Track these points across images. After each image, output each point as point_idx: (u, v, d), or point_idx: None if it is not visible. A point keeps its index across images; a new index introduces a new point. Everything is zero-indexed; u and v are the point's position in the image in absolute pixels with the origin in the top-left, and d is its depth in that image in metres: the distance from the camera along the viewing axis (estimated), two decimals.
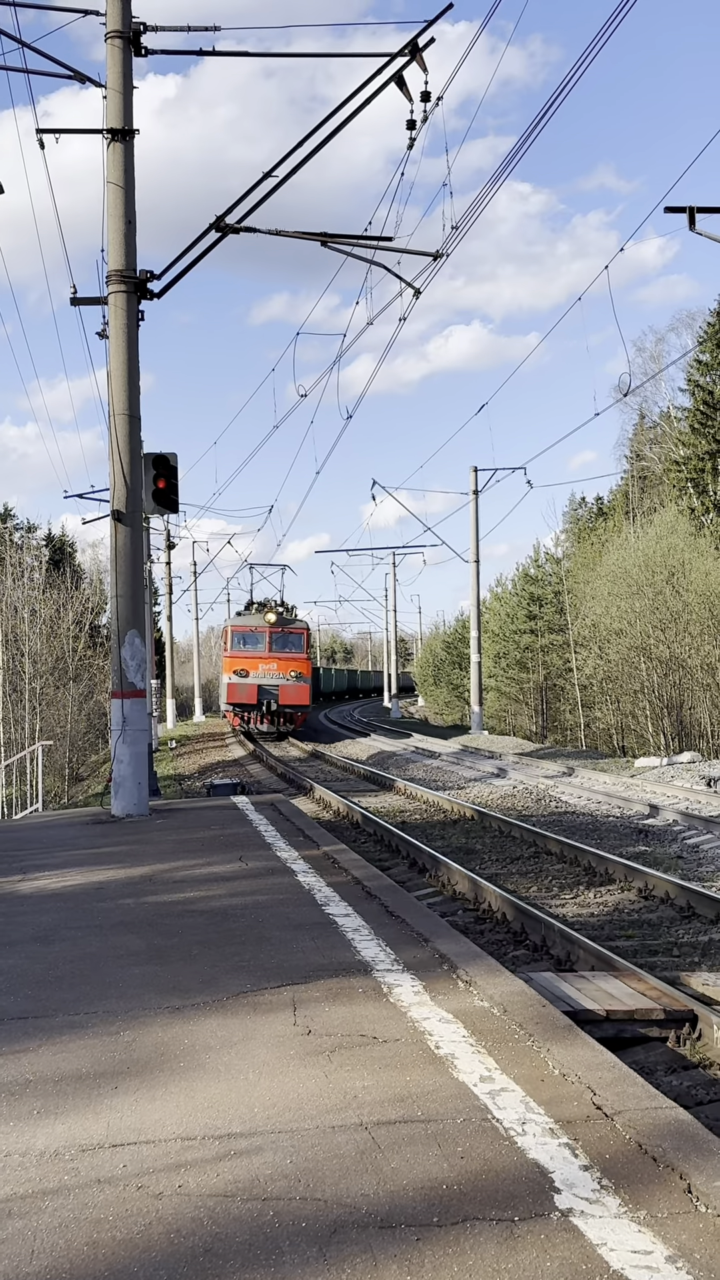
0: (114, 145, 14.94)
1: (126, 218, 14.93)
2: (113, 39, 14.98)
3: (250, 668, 43.26)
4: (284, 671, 43.42)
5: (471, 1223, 3.68)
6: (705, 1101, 6.29)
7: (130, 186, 15.00)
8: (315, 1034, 5.59)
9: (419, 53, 14.47)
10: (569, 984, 7.66)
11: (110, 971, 6.92)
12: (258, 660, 43.50)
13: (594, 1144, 4.25)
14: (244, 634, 44.48)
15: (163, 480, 15.84)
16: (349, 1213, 3.76)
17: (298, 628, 45.62)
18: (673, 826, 17.02)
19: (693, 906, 10.87)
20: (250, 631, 44.33)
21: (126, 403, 14.99)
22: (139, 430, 15.18)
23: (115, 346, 15.02)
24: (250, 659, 43.61)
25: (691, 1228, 3.64)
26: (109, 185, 14.96)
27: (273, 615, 44.33)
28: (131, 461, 15.01)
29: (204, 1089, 4.91)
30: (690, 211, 15.53)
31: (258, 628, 44.21)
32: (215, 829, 13.46)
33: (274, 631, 44.22)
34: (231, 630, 45.04)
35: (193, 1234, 3.64)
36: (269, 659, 43.62)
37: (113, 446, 14.98)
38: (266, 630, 44.11)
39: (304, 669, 44.38)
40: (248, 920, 8.23)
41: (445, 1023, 5.73)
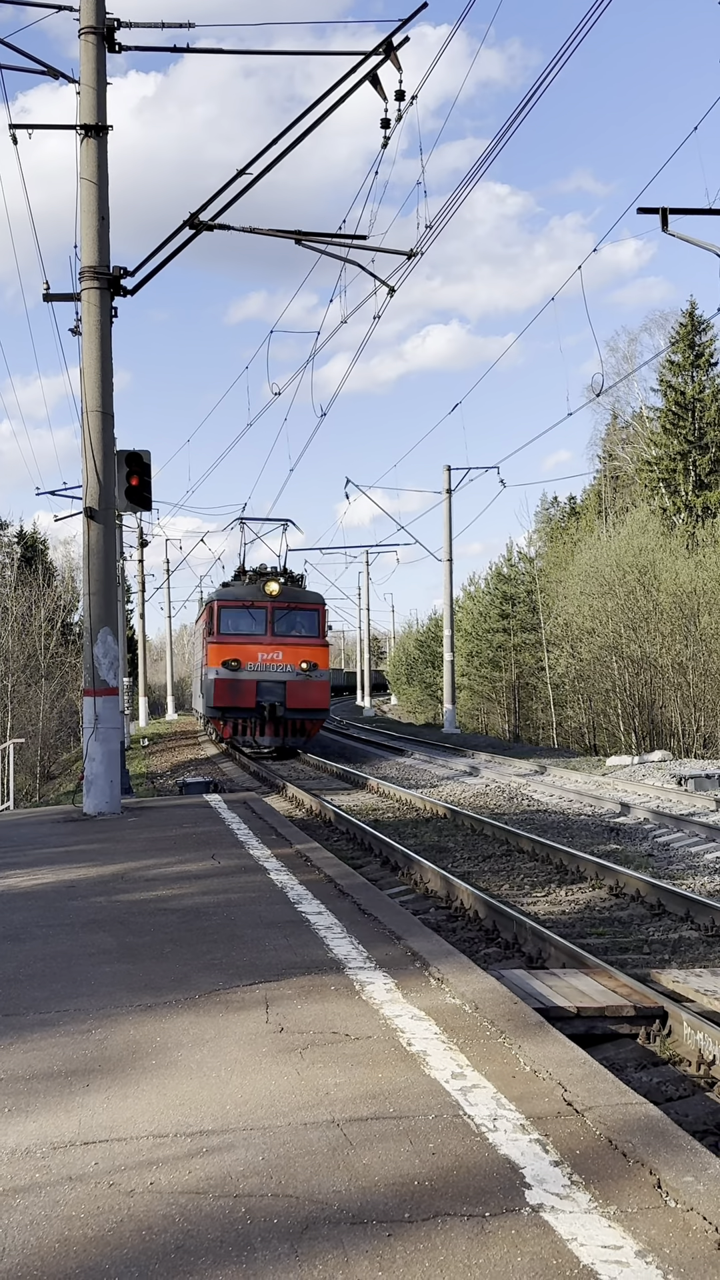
0: (87, 141, 14.88)
1: (100, 214, 14.88)
2: (86, 35, 14.92)
3: (245, 657, 31.66)
4: (293, 662, 31.84)
5: (443, 1218, 3.69)
6: (674, 1098, 6.32)
7: (104, 183, 14.94)
8: (287, 1031, 5.59)
9: (393, 51, 14.48)
10: (540, 981, 7.69)
11: (82, 970, 6.90)
12: (256, 647, 31.81)
13: (564, 1140, 4.27)
14: (236, 611, 32.43)
15: (136, 478, 15.80)
16: (321, 1209, 3.76)
17: (310, 602, 33.27)
18: (644, 824, 17.10)
19: (663, 904, 10.92)
20: (245, 608, 32.34)
21: (99, 399, 14.94)
22: (112, 427, 15.13)
23: (88, 343, 14.96)
24: (245, 645, 31.83)
25: (661, 1223, 3.66)
26: (82, 181, 14.90)
27: (275, 585, 32.46)
28: (105, 458, 14.97)
29: (176, 1086, 4.90)
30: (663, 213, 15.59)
31: (256, 602, 32.32)
32: (188, 827, 13.44)
33: (278, 607, 32.34)
34: (219, 607, 32.44)
35: (164, 1231, 3.64)
36: (272, 645, 31.95)
37: (86, 443, 14.92)
38: (268, 606, 32.27)
39: (320, 659, 32.46)
40: (220, 918, 8.22)
41: (417, 1020, 5.74)
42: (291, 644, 31.69)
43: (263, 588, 32.23)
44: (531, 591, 60.60)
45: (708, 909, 10.25)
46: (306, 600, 33.02)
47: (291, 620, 32.25)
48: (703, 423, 57.74)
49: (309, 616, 32.66)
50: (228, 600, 32.41)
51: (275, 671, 31.31)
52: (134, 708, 56.74)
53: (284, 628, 31.99)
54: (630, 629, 42.65)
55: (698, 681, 40.45)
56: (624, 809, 18.59)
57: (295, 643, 31.80)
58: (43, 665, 54.86)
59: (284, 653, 31.54)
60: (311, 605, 32.91)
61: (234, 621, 32.02)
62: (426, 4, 14.57)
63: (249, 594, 32.42)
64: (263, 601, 32.06)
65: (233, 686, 30.92)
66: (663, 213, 15.59)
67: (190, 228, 15.08)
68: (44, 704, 52.86)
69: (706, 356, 58.80)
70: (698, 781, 22.63)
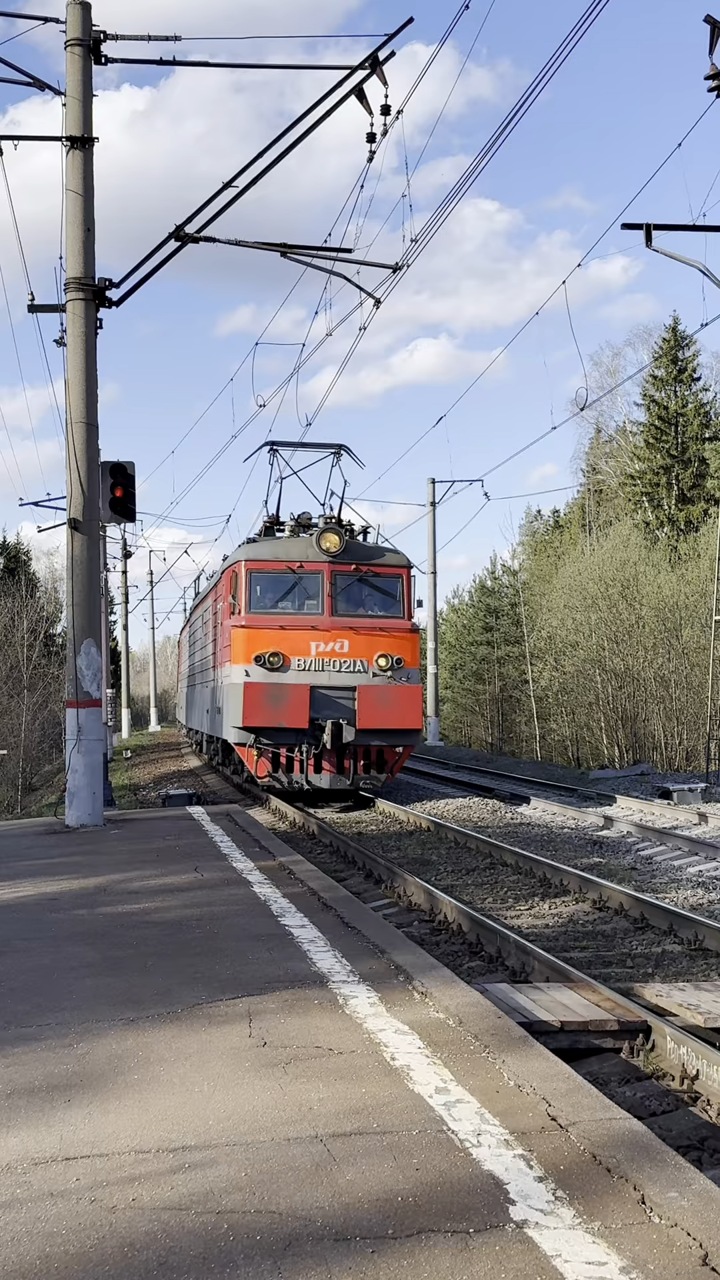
0: (73, 153, 14.89)
1: (86, 225, 14.88)
2: (72, 47, 14.94)
3: (292, 649, 20.93)
4: (366, 656, 21.13)
5: (426, 1234, 3.67)
6: (658, 1112, 6.31)
7: (89, 194, 14.95)
8: (271, 1046, 5.57)
9: (379, 66, 14.53)
10: (524, 995, 7.67)
11: (64, 983, 6.87)
12: (308, 634, 21.00)
13: (548, 1155, 4.26)
14: (275, 578, 21.49)
15: (120, 489, 15.78)
16: (304, 1225, 3.74)
17: (389, 564, 22.12)
18: (627, 838, 17.11)
19: (646, 918, 10.92)
20: (290, 572, 21.41)
21: (84, 410, 14.92)
22: (97, 438, 15.12)
23: (73, 354, 14.95)
24: (292, 631, 21.01)
25: (645, 1239, 3.65)
26: (68, 193, 14.90)
27: (335, 537, 21.35)
28: (89, 469, 14.95)
29: (158, 1101, 4.87)
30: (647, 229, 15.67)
31: (306, 564, 21.34)
32: (170, 839, 13.40)
33: (340, 571, 21.41)
34: (247, 571, 21.51)
35: (146, 1247, 3.62)
36: (333, 630, 21.12)
37: (70, 454, 14.90)
38: (325, 569, 21.31)
39: (408, 651, 21.73)
40: (203, 931, 8.19)
41: (401, 1034, 5.72)
42: (365, 628, 20.93)
43: (317, 541, 20.98)
44: (515, 604, 60.74)
45: (690, 923, 10.26)
46: (384, 561, 21.76)
47: (363, 592, 21.43)
48: (685, 437, 57.98)
49: (389, 586, 21.63)
50: (262, 561, 21.14)
51: (339, 671, 20.67)
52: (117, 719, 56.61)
53: (351, 603, 21.24)
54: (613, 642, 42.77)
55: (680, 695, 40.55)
56: (607, 822, 18.60)
57: (370, 626, 21.02)
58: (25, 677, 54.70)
59: (352, 642, 20.79)
60: (393, 568, 21.77)
61: (272, 593, 21.18)
62: (412, 19, 14.64)
63: (295, 551, 21.17)
64: (318, 562, 21.01)
65: (272, 695, 20.15)
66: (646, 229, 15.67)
67: (176, 240, 15.10)
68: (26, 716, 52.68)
69: (689, 372, 59.10)
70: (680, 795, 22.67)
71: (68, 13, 15.01)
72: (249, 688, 20.33)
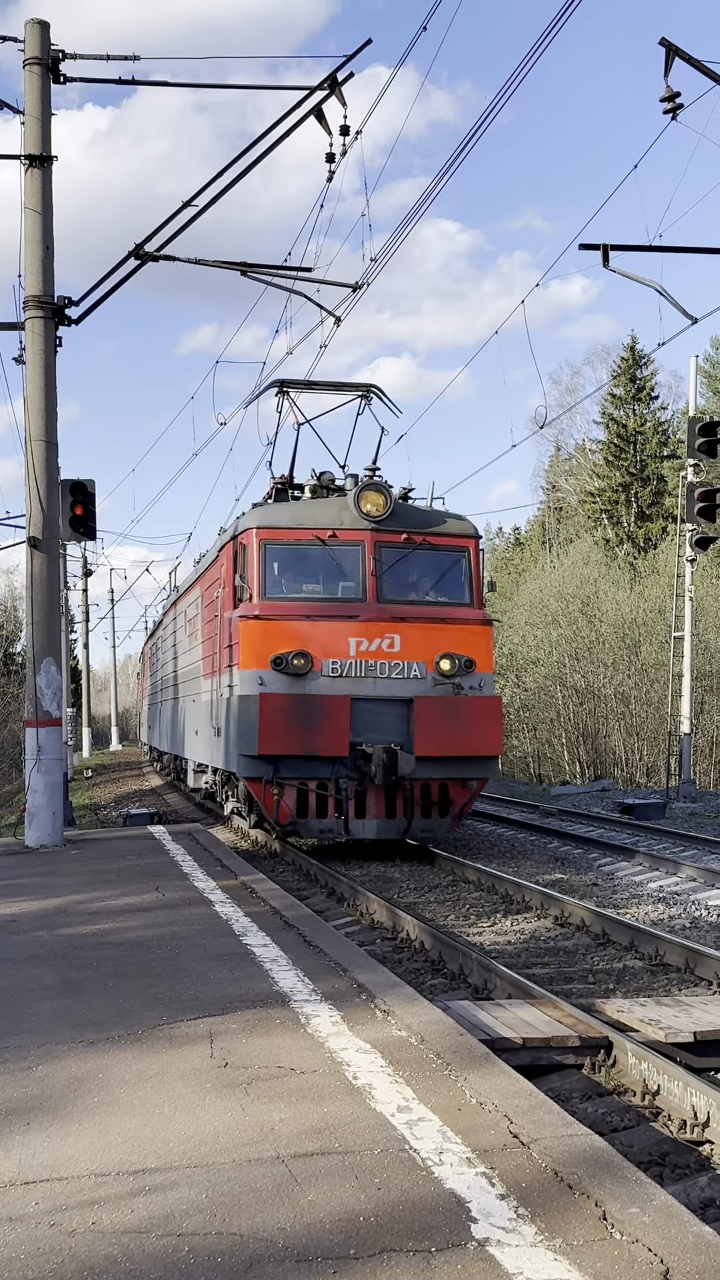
0: (32, 171, 14.87)
1: (44, 243, 14.86)
2: (31, 65, 14.94)
3: (321, 646, 15.37)
4: (424, 658, 15.63)
5: (388, 1254, 3.66)
6: (619, 1128, 6.32)
7: (48, 212, 14.92)
8: (232, 1066, 5.54)
9: (338, 86, 14.60)
10: (486, 1012, 7.67)
11: (22, 1005, 6.81)
12: (344, 625, 15.48)
13: (510, 1172, 4.26)
14: (296, 552, 16.13)
15: (80, 507, 15.76)
16: (265, 1246, 3.72)
17: (451, 533, 16.55)
18: (588, 854, 17.17)
19: (607, 933, 10.96)
20: (315, 543, 15.89)
21: (43, 428, 14.87)
22: (56, 456, 15.06)
23: (33, 372, 14.90)
24: (321, 622, 15.51)
25: (606, 1255, 3.65)
26: (27, 211, 14.87)
27: (379, 497, 15.85)
28: (49, 488, 14.89)
29: (119, 1124, 4.84)
30: (604, 249, 15.82)
31: (340, 531, 15.84)
32: (131, 859, 13.32)
33: (386, 542, 15.95)
34: (260, 542, 15.88)
35: (106, 1271, 3.59)
36: (378, 622, 15.53)
37: (29, 472, 14.84)
38: (367, 538, 15.83)
39: (480, 649, 16.08)
40: (164, 952, 8.14)
41: (363, 1053, 5.71)
42: (422, 619, 15.52)
43: (355, 502, 15.60)
44: None
45: (651, 938, 10.30)
46: (445, 529, 16.26)
47: (417, 570, 16.03)
48: (644, 455, 58.48)
49: (452, 563, 16.16)
50: (281, 529, 15.71)
51: (388, 678, 15.18)
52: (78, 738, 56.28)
53: (402, 585, 15.79)
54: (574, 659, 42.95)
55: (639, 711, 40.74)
56: (568, 838, 18.67)
57: (429, 616, 15.62)
58: None
59: (405, 638, 15.26)
60: (457, 539, 16.25)
61: (294, 573, 15.94)
62: (370, 41, 14.75)
63: (325, 516, 15.76)
64: (356, 530, 15.58)
65: (299, 711, 14.70)
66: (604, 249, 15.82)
67: (136, 258, 15.09)
68: None
69: (647, 390, 59.65)
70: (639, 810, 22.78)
71: (26, 31, 15.01)
72: (267, 701, 14.54)
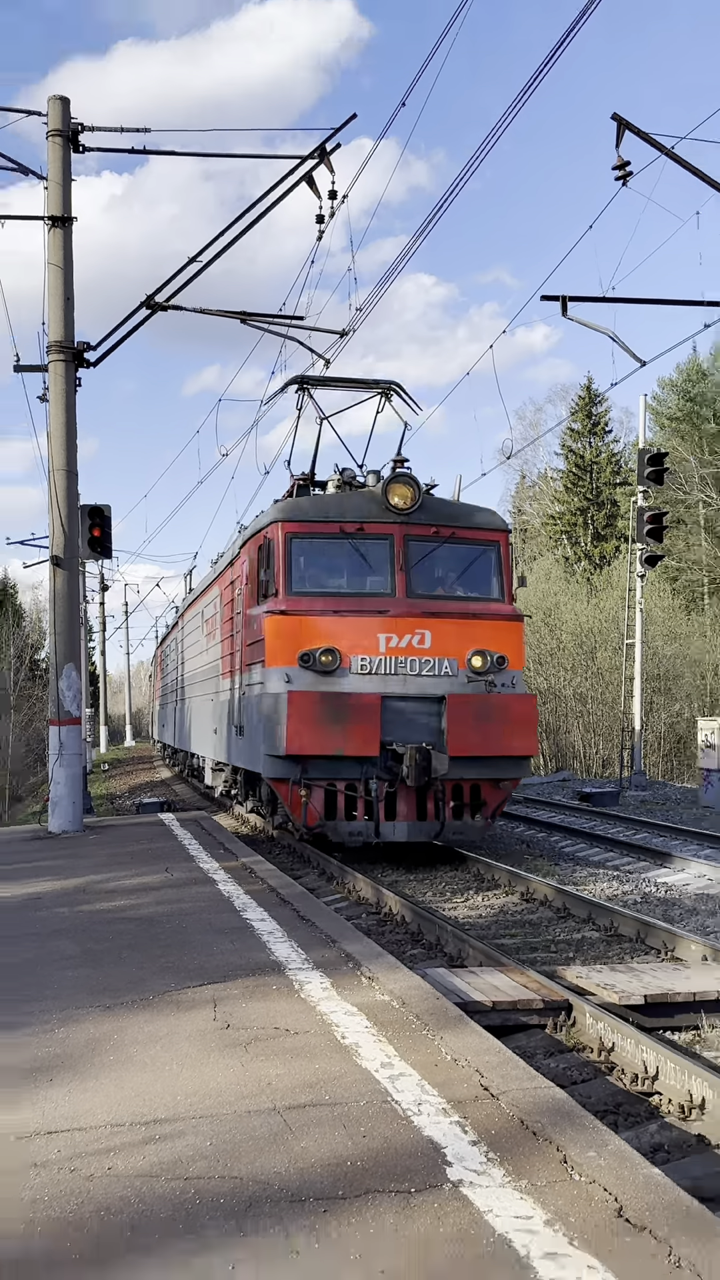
0: (54, 230, 14.87)
1: (65, 295, 14.86)
2: (53, 137, 14.94)
3: (350, 642, 13.13)
4: (455, 654, 13.42)
5: (373, 1195, 3.66)
6: (578, 1081, 6.33)
7: (69, 267, 14.92)
8: (233, 1028, 5.53)
9: (326, 156, 14.63)
10: (460, 978, 7.67)
11: (47, 974, 6.79)
12: (374, 621, 13.21)
13: (481, 1121, 4.26)
14: (322, 546, 13.69)
15: (97, 529, 15.76)
16: (263, 1188, 3.72)
17: (481, 526, 14.27)
18: (550, 836, 17.17)
19: (568, 908, 10.96)
20: (340, 537, 13.60)
21: (65, 459, 14.86)
22: (76, 484, 15.04)
23: (55, 409, 14.89)
24: (351, 619, 13.21)
25: (567, 1194, 3.65)
26: (50, 266, 14.87)
27: (408, 490, 13.63)
28: (69, 512, 14.88)
29: (132, 1079, 4.82)
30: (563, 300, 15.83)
31: (366, 524, 13.57)
32: (144, 843, 13.29)
33: (416, 536, 13.71)
34: (286, 536, 13.55)
35: (121, 1211, 3.57)
36: (408, 617, 13.30)
37: (52, 499, 14.82)
38: (395, 531, 13.60)
39: (512, 645, 13.83)
40: (173, 926, 8.12)
41: (350, 1015, 5.70)
42: (453, 614, 13.56)
43: (383, 494, 13.64)
44: None
45: (607, 912, 10.31)
46: (475, 522, 14.27)
47: (447, 564, 14.02)
48: (599, 482, 58.70)
49: (483, 557, 14.17)
50: (306, 522, 13.68)
51: (419, 675, 13.25)
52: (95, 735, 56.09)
53: (431, 580, 13.81)
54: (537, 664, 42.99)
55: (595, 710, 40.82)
56: (533, 823, 18.68)
57: (460, 612, 13.65)
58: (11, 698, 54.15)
59: (436, 634, 13.33)
60: (487, 532, 14.22)
61: (320, 568, 13.75)
62: (355, 115, 14.80)
63: (351, 509, 13.71)
64: (384, 523, 13.59)
65: (329, 710, 12.75)
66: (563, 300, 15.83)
67: (147, 308, 15.10)
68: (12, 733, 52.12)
69: (602, 425, 59.88)
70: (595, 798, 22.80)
71: (49, 106, 15.02)
72: (296, 700, 12.59)
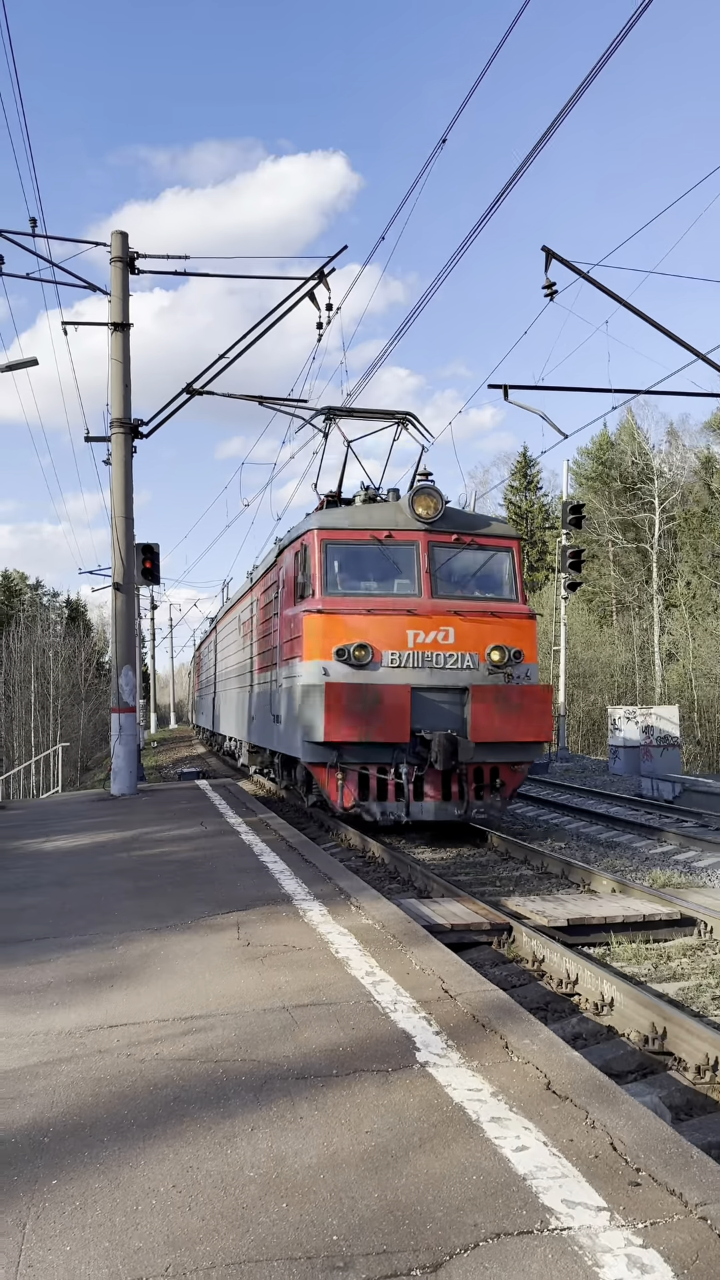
0: (116, 334, 14.86)
1: (125, 383, 14.84)
2: (115, 262, 14.94)
3: (381, 638, 11.17)
4: (475, 649, 11.45)
5: (359, 1073, 3.66)
6: (517, 985, 6.33)
7: (127, 362, 14.91)
8: (252, 945, 5.52)
9: (324, 278, 14.66)
10: (427, 906, 7.67)
11: (109, 904, 6.77)
12: (403, 619, 11.28)
13: (442, 1016, 4.26)
14: (356, 551, 11.67)
15: (149, 562, 15.70)
16: (275, 1069, 3.71)
17: (495, 534, 12.24)
18: None
19: (509, 853, 10.96)
20: (371, 543, 11.60)
21: (124, 508, 14.83)
22: (132, 527, 15.01)
23: (116, 470, 14.87)
24: (382, 616, 11.25)
25: (508, 1072, 3.66)
26: (112, 361, 14.86)
27: (431, 501, 11.65)
28: (127, 549, 14.85)
29: (174, 985, 4.81)
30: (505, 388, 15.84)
31: (395, 533, 11.61)
32: (183, 803, 13.25)
33: (439, 542, 11.74)
34: (322, 542, 11.64)
35: (165, 1086, 3.57)
36: (433, 615, 11.35)
37: (114, 538, 14.80)
38: (421, 538, 11.64)
39: (526, 640, 11.81)
40: (206, 867, 8.10)
41: (342, 935, 5.70)
42: (473, 613, 11.82)
43: (410, 505, 11.94)
44: None
45: (538, 855, 10.31)
46: (490, 531, 12.53)
47: (466, 569, 12.27)
48: (533, 526, 58.83)
49: (497, 562, 12.42)
50: (340, 530, 11.96)
51: (444, 668, 11.54)
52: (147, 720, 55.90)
53: (453, 582, 12.07)
54: None
55: None
56: None
57: (479, 610, 11.91)
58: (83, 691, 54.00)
59: (458, 630, 11.67)
60: (501, 540, 12.49)
61: (353, 571, 11.90)
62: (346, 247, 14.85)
63: (380, 518, 12.06)
64: (411, 531, 11.92)
65: (362, 699, 10.81)
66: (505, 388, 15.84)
67: (187, 393, 15.10)
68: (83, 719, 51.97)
69: (535, 483, 60.11)
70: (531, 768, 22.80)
71: (112, 239, 15.03)
72: (332, 690, 10.77)
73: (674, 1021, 5.18)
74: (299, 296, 14.78)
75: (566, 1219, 2.69)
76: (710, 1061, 4.83)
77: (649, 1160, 2.99)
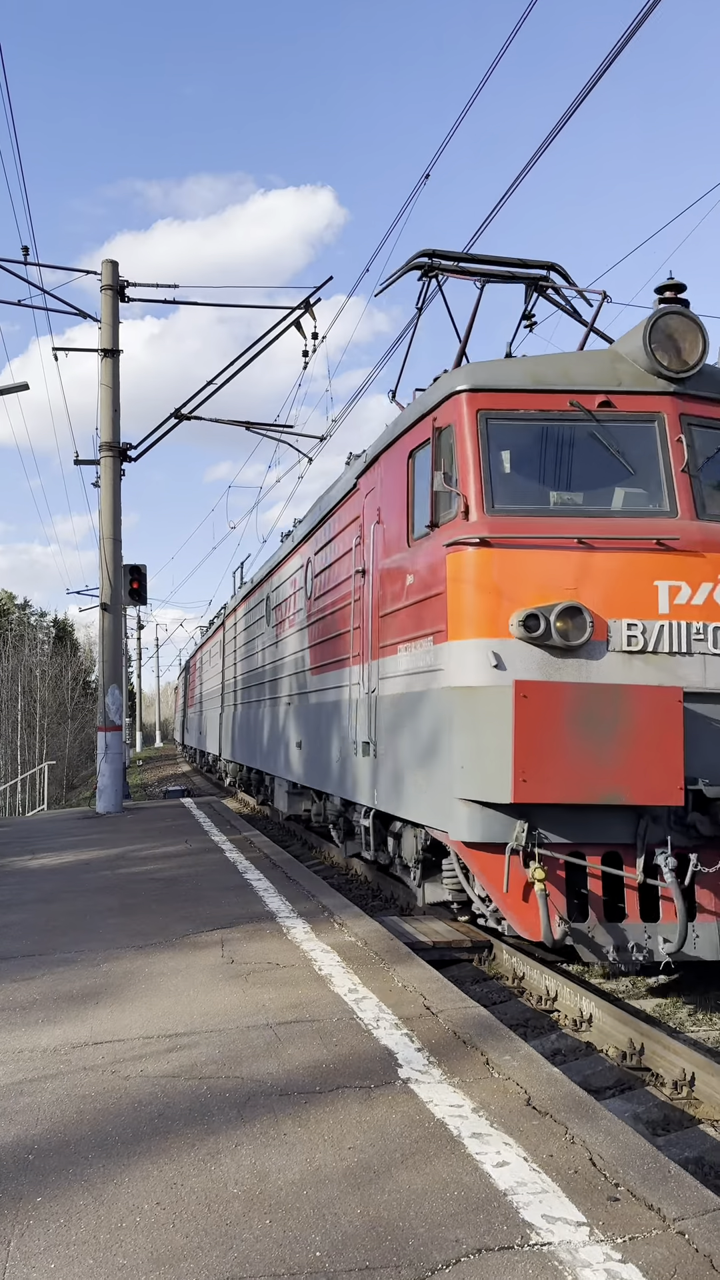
0: (105, 360, 14.91)
1: (114, 408, 14.88)
2: (106, 290, 15.01)
3: (603, 597, 4.19)
4: None
5: (342, 1089, 3.64)
6: (498, 1002, 6.31)
7: (116, 387, 14.95)
8: (237, 962, 5.49)
9: (310, 308, 14.77)
10: (409, 924, 7.63)
11: (93, 922, 6.71)
12: (642, 557, 4.09)
13: (424, 1033, 4.25)
14: (541, 433, 4.28)
15: (136, 582, 15.71)
16: (258, 1085, 3.69)
17: None
18: None
19: None
20: (571, 415, 4.19)
21: (112, 530, 14.83)
22: (120, 548, 15.01)
23: (105, 493, 14.88)
24: (602, 552, 4.17)
25: (489, 1088, 3.65)
26: (102, 386, 14.90)
27: (692, 335, 4.05)
28: (115, 569, 14.83)
29: (159, 1002, 4.78)
30: None
31: (616, 396, 4.23)
32: (168, 821, 13.17)
33: (697, 414, 4.20)
34: (472, 412, 4.44)
35: (149, 1103, 3.54)
36: (704, 557, 3.98)
37: (102, 559, 14.78)
38: (668, 406, 4.25)
39: None
40: (190, 884, 8.05)
41: (325, 952, 5.68)
42: None
43: (646, 344, 4.48)
44: None
45: None
46: None
47: None
48: None
49: None
50: (509, 392, 4.72)
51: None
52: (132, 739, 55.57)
53: None
54: None
55: None
56: None
57: None
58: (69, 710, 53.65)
59: None
60: None
61: (535, 469, 4.57)
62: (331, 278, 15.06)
63: (582, 373, 4.65)
64: (644, 393, 4.54)
65: (581, 718, 4.09)
66: None
67: (175, 417, 15.15)
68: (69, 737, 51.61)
69: None
70: None
71: (102, 267, 15.11)
72: (530, 697, 4.82)
73: (651, 1038, 5.18)
74: (285, 325, 14.89)
75: (547, 1234, 2.68)
76: (686, 1077, 4.83)
77: (628, 1175, 2.98)
